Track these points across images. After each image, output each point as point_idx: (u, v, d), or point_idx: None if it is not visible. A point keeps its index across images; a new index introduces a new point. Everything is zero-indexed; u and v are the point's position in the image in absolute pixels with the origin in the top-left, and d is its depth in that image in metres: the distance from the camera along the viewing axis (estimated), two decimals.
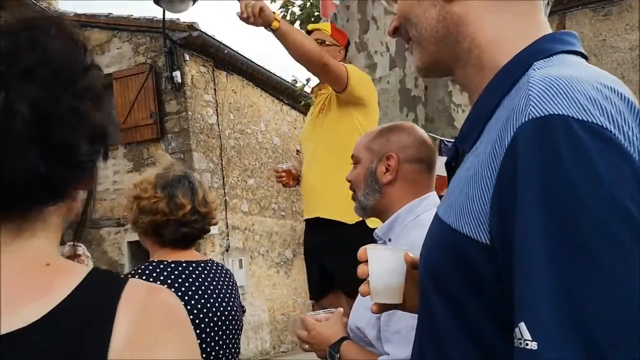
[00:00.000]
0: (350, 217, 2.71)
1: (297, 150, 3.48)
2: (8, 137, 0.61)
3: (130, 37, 9.30)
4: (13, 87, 0.61)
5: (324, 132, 2.89)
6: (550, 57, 0.68)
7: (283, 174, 3.07)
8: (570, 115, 0.56)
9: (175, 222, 1.64)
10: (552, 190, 0.54)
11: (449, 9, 0.76)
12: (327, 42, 2.90)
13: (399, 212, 1.47)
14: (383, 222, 1.55)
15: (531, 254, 0.54)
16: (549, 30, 0.75)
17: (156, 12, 8.72)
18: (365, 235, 2.79)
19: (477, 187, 0.63)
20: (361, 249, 0.99)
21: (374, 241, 3.20)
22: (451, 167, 0.81)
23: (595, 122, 0.55)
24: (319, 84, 3.02)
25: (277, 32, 2.48)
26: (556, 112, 0.56)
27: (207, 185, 1.80)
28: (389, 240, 1.51)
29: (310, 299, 3.11)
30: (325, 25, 3.03)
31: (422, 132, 1.55)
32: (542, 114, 0.56)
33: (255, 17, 2.36)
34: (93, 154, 0.68)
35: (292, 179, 3.08)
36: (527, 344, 0.53)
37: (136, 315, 0.63)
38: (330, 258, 2.84)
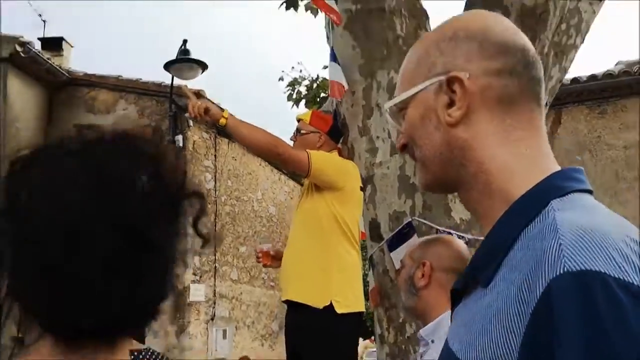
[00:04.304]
0: (318, 301, 2.73)
1: None
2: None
3: (136, 100, 9.49)
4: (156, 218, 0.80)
5: (300, 214, 2.92)
6: (566, 197, 0.69)
7: (260, 254, 3.12)
8: (607, 272, 0.56)
9: None
10: (592, 354, 0.54)
11: (453, 133, 0.75)
12: (302, 132, 3.00)
13: (443, 316, 1.56)
14: (424, 323, 1.69)
15: None
16: (551, 154, 0.76)
17: (164, 77, 8.93)
18: (332, 320, 2.77)
19: (502, 330, 0.62)
20: None
21: (341, 326, 3.10)
22: (457, 294, 0.79)
23: (630, 280, 0.56)
24: None
25: (225, 128, 2.69)
26: (593, 269, 0.56)
27: None
28: (432, 341, 1.61)
29: None
30: (306, 115, 3.16)
31: (460, 246, 1.75)
32: (578, 269, 0.57)
33: (201, 116, 2.64)
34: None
35: (269, 260, 3.10)
36: None
37: None
38: (299, 342, 2.81)
